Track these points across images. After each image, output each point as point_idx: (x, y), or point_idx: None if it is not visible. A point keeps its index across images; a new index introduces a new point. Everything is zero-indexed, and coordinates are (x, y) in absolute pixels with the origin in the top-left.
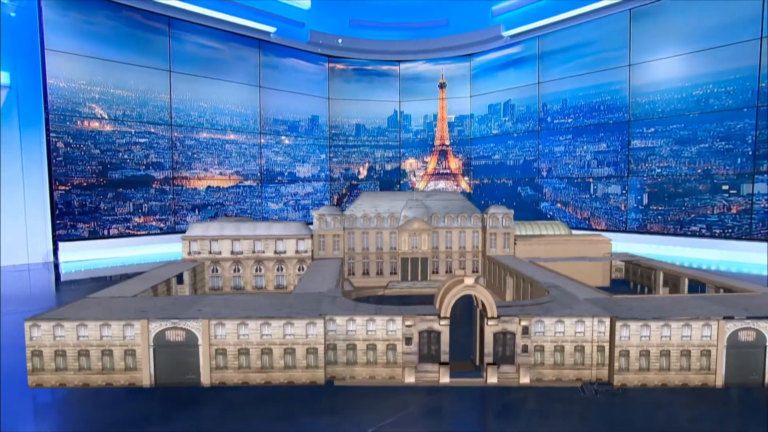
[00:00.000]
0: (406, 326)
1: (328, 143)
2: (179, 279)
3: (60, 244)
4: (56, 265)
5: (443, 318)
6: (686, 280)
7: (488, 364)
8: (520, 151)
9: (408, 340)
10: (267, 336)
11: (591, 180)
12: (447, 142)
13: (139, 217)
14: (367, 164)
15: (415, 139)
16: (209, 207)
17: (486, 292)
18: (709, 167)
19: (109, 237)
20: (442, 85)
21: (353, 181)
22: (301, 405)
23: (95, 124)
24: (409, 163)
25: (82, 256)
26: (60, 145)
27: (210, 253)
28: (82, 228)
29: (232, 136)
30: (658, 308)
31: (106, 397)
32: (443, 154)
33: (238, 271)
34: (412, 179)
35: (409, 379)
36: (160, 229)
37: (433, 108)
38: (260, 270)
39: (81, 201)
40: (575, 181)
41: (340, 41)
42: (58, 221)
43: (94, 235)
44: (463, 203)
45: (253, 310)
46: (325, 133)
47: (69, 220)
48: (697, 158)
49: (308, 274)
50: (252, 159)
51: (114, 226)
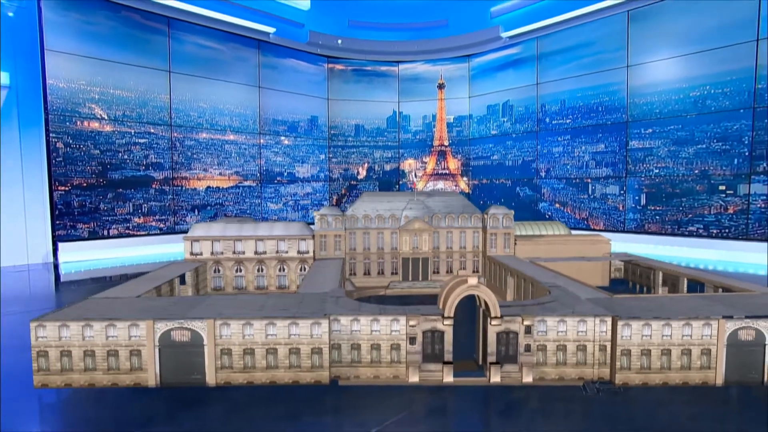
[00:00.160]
0: (410, 326)
1: (327, 143)
2: (182, 279)
3: (60, 245)
4: (56, 266)
5: (447, 318)
6: (685, 279)
7: (491, 363)
8: (519, 152)
9: (412, 340)
10: (272, 336)
11: (589, 180)
12: (446, 143)
13: (139, 217)
14: (366, 164)
15: (414, 140)
16: (209, 207)
17: (489, 292)
18: (706, 168)
19: (109, 237)
20: (440, 86)
21: (352, 182)
22: (305, 405)
23: (95, 125)
24: (408, 164)
25: (82, 256)
26: (60, 145)
27: (212, 254)
28: (81, 228)
29: (231, 137)
30: (658, 308)
31: (112, 397)
32: (442, 155)
33: (240, 271)
34: (413, 179)
35: (413, 379)
36: (160, 230)
37: (432, 108)
38: (262, 270)
39: (81, 201)
40: (573, 181)
41: (339, 42)
42: (57, 222)
43: (93, 236)
44: (464, 203)
45: (258, 311)
46: (325, 134)
47: (69, 220)
48: (695, 159)
49: (311, 275)
50: (251, 159)
51: (114, 226)
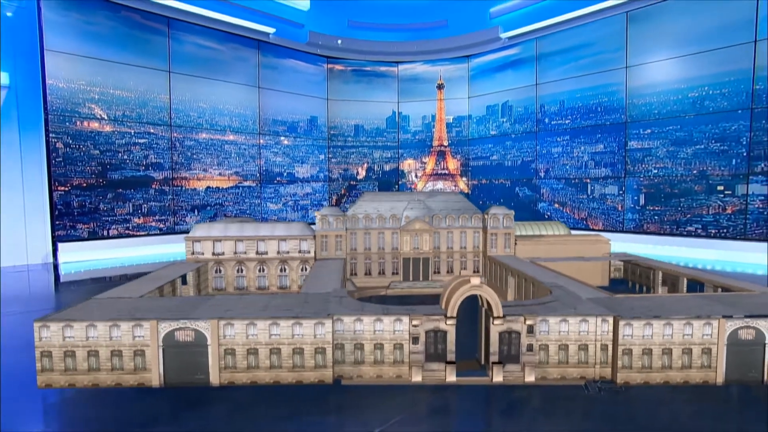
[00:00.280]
0: (413, 326)
1: (326, 144)
2: (183, 280)
3: (59, 245)
4: (56, 266)
5: (450, 317)
6: (685, 279)
7: (494, 362)
8: (518, 152)
9: (415, 340)
10: (276, 336)
11: (588, 181)
12: (445, 143)
13: (139, 217)
14: (365, 165)
15: (413, 140)
16: (209, 207)
17: (492, 292)
18: (704, 168)
19: (109, 238)
20: (440, 86)
21: (352, 182)
22: (309, 404)
23: (95, 125)
24: (408, 164)
25: (82, 256)
26: (59, 145)
27: (213, 254)
28: (81, 229)
29: (231, 137)
30: (659, 307)
31: (116, 397)
32: (441, 155)
33: (242, 271)
34: (413, 180)
35: (416, 378)
36: (160, 230)
37: (431, 109)
38: (263, 270)
39: (80, 202)
40: (573, 181)
41: (339, 42)
42: (57, 222)
43: (93, 236)
44: (464, 204)
45: (262, 311)
46: (324, 134)
47: (68, 220)
48: (693, 159)
49: (312, 275)
50: (251, 159)
51: (113, 226)
